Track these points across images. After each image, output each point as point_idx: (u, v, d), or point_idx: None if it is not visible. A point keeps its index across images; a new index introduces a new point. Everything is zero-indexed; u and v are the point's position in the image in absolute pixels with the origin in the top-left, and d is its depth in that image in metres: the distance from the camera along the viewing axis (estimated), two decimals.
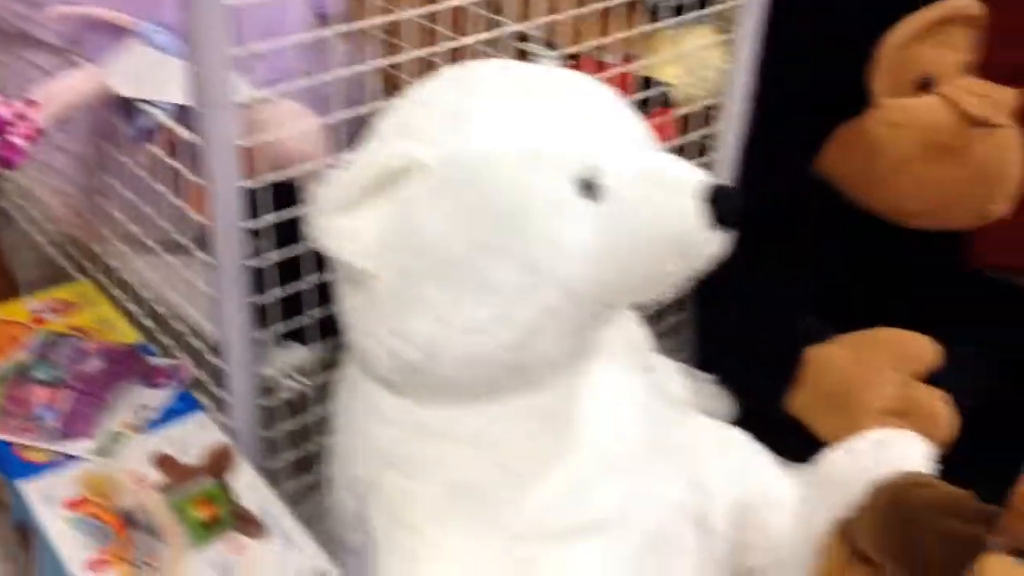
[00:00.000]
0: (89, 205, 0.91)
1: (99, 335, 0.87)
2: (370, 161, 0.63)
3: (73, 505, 0.73)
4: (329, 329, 0.77)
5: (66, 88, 0.74)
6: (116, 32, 0.76)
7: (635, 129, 0.69)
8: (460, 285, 0.64)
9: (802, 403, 1.00)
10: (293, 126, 0.74)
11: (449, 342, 0.65)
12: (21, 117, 0.71)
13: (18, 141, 0.71)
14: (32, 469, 0.76)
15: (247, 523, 0.73)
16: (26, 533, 0.78)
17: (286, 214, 0.74)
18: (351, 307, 0.69)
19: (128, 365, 0.84)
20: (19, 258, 1.10)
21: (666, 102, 1.00)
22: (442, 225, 0.63)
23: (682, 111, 1.02)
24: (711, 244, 0.65)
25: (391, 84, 0.83)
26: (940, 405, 0.96)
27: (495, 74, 0.68)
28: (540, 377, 0.70)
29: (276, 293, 0.77)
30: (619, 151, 0.66)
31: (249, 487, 0.76)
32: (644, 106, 0.98)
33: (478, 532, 0.70)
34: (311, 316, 0.81)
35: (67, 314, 0.90)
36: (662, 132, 1.00)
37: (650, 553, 0.77)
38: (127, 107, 0.75)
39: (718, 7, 0.98)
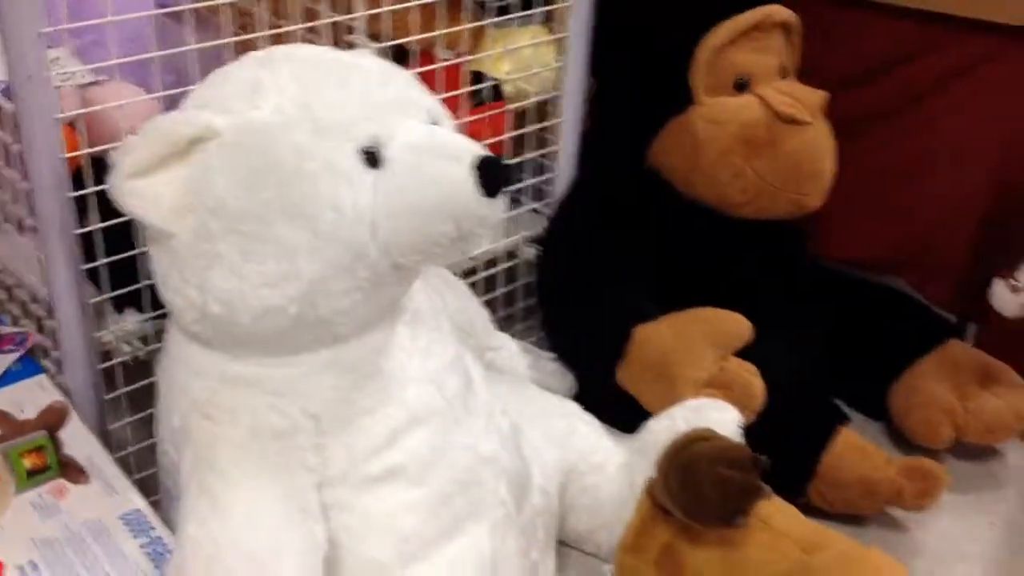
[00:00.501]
0: None
1: None
2: (166, 128, 0.69)
3: None
4: None
5: None
6: None
7: (421, 106, 0.76)
8: (251, 243, 0.70)
9: (629, 376, 1.08)
10: (127, 105, 0.81)
11: (244, 296, 0.71)
12: None
13: None
14: None
15: (73, 471, 0.79)
16: None
17: None
18: (158, 265, 0.74)
19: None
20: None
21: (498, 96, 1.07)
22: (234, 187, 0.69)
23: (514, 106, 1.09)
24: (482, 210, 0.72)
25: None
26: (752, 378, 1.04)
27: (291, 53, 0.75)
28: (342, 332, 0.76)
29: (103, 260, 0.83)
30: (401, 125, 0.73)
31: (78, 441, 0.82)
32: (476, 99, 1.06)
33: (283, 477, 0.76)
34: (145, 284, 0.86)
35: None
36: (496, 125, 1.09)
37: (457, 497, 0.83)
38: None
39: (545, 8, 1.06)
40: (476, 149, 0.72)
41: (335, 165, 0.70)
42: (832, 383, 1.21)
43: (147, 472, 0.88)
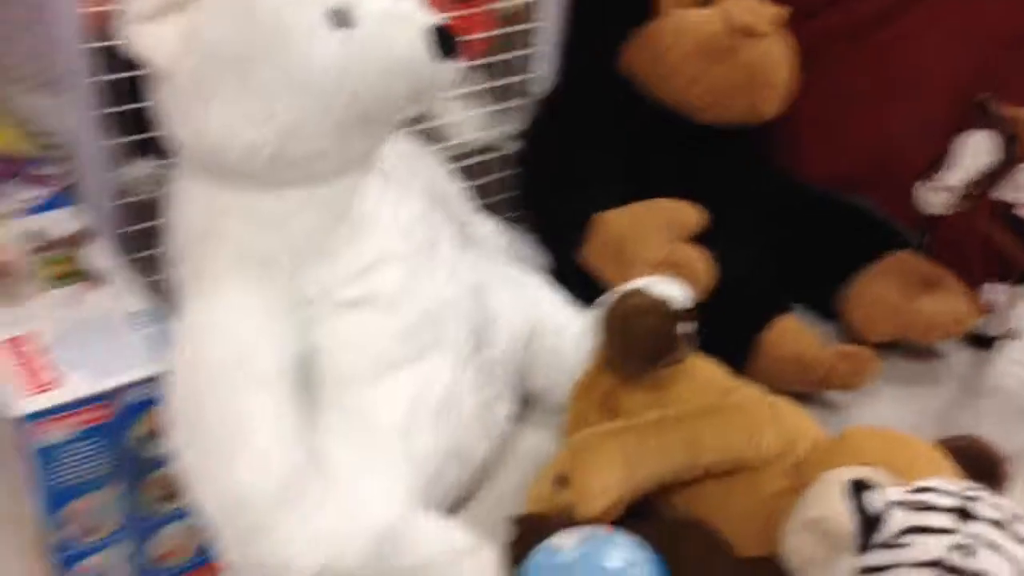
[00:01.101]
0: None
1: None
2: None
3: None
4: None
5: None
6: None
7: None
8: (236, 85, 0.83)
9: (591, 256, 1.20)
10: None
11: (231, 130, 0.85)
12: None
13: None
14: None
15: (92, 278, 0.95)
16: None
17: None
18: (164, 105, 0.89)
19: (15, 168, 1.05)
20: None
21: None
22: (224, 35, 0.83)
23: (499, 5, 1.22)
24: (432, 70, 0.86)
25: None
26: (698, 260, 1.16)
27: None
28: (319, 172, 0.90)
29: (119, 109, 0.98)
30: None
31: (99, 257, 0.98)
32: None
33: (264, 291, 0.90)
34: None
35: None
36: (479, 22, 1.22)
37: (423, 330, 0.97)
38: None
39: None
40: (430, 18, 0.86)
41: (305, 23, 0.83)
42: (787, 286, 1.32)
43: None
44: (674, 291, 1.11)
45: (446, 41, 0.85)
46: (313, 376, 0.92)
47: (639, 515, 0.91)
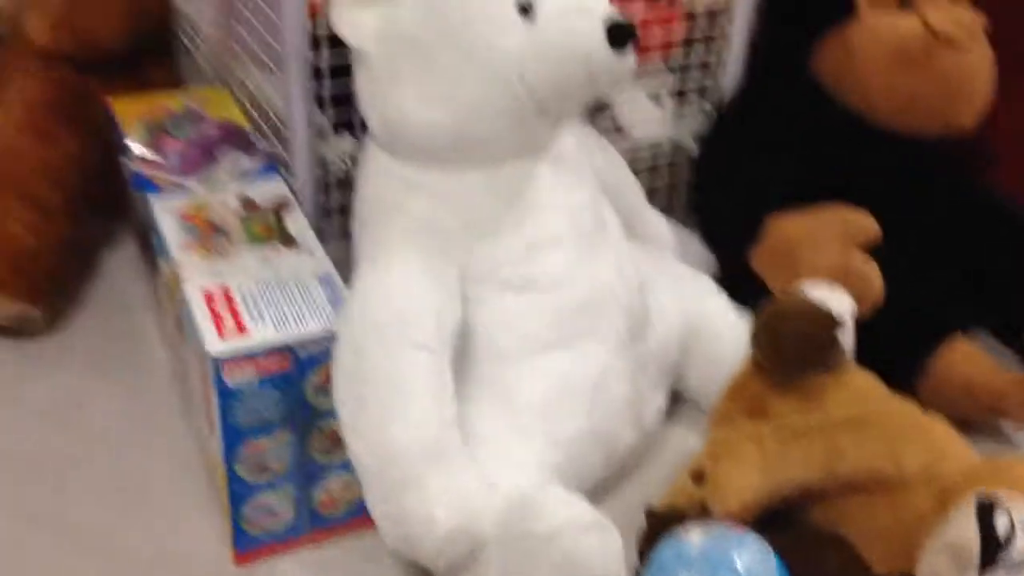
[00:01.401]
0: (228, 29, 1.25)
1: (221, 118, 1.22)
2: None
3: (183, 217, 1.07)
4: None
5: None
6: None
7: None
8: (424, 66, 0.91)
9: (760, 260, 1.21)
10: None
11: (416, 110, 0.92)
12: None
13: None
14: (160, 191, 1.11)
15: (287, 241, 1.05)
16: (147, 241, 1.14)
17: None
18: (359, 82, 0.97)
19: (234, 139, 1.17)
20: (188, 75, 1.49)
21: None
22: (415, 21, 0.90)
23: (687, 9, 1.24)
24: (609, 60, 0.89)
25: None
26: (871, 271, 1.14)
27: None
28: (494, 154, 0.96)
29: (328, 88, 1.08)
30: None
31: (295, 223, 1.08)
32: None
33: (435, 262, 0.96)
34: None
35: (203, 104, 1.25)
36: (668, 24, 1.24)
37: (579, 316, 1.01)
38: None
39: None
40: (610, 11, 0.89)
41: (493, 11, 0.89)
42: (972, 307, 1.27)
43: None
44: (838, 300, 1.10)
45: (624, 34, 0.89)
46: (467, 349, 0.98)
47: (778, 525, 0.92)
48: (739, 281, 1.22)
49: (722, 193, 1.28)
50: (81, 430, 1.12)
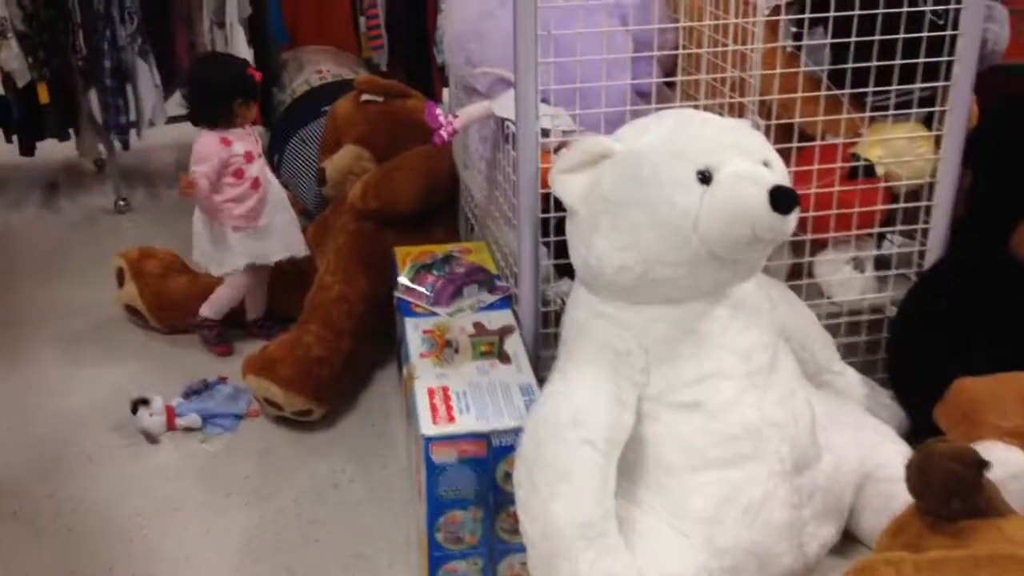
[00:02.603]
0: (491, 194, 1.54)
1: (473, 262, 1.49)
2: (588, 146, 1.13)
3: (425, 332, 1.34)
4: None
5: (471, 110, 1.37)
6: (507, 83, 1.38)
7: (754, 151, 1.11)
8: (617, 220, 1.10)
9: (943, 415, 1.26)
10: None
11: (609, 255, 1.12)
12: (448, 122, 1.35)
13: (444, 135, 1.36)
14: (414, 314, 1.39)
15: (504, 358, 1.28)
16: (399, 353, 1.41)
17: None
18: (568, 231, 1.19)
19: (480, 278, 1.44)
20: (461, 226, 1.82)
21: (870, 174, 1.36)
22: (614, 184, 1.10)
23: (885, 184, 1.36)
24: (772, 221, 1.04)
25: None
26: None
27: (679, 112, 1.16)
28: (672, 295, 1.13)
29: (551, 240, 1.32)
30: (732, 160, 1.08)
31: (513, 345, 1.30)
32: (853, 174, 1.36)
33: (615, 379, 1.13)
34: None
35: (465, 253, 1.53)
36: (867, 196, 1.37)
37: (743, 440, 1.13)
38: (502, 124, 1.36)
39: (923, 109, 1.33)
40: (776, 180, 1.06)
41: (677, 177, 1.08)
42: None
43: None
44: (1008, 453, 1.14)
45: (787, 200, 1.05)
46: (638, 459, 1.13)
47: None
48: (927, 438, 1.27)
49: (915, 354, 1.35)
50: (332, 503, 1.39)
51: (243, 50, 2.36)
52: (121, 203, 2.45)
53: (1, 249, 2.28)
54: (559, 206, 1.25)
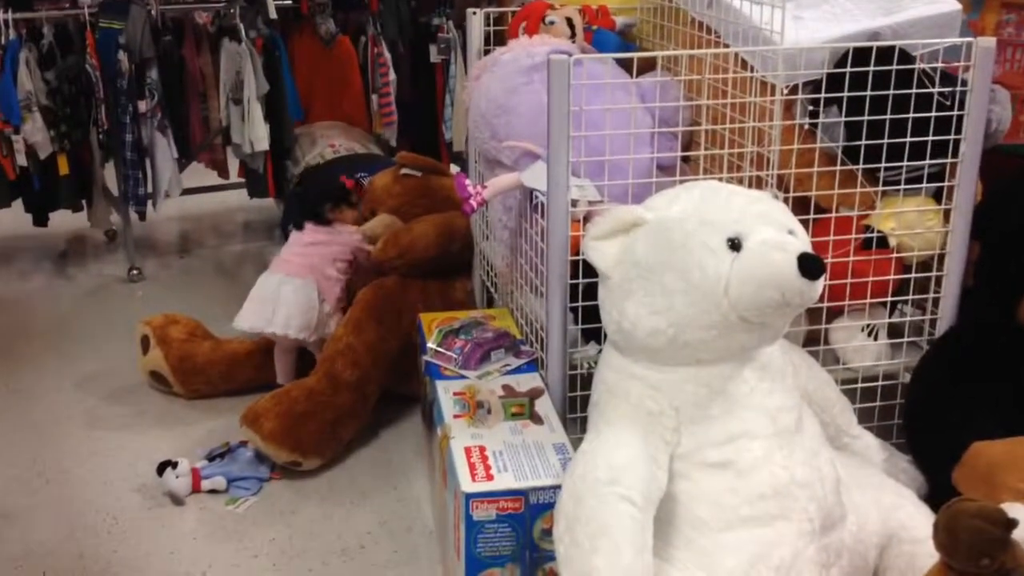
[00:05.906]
0: (514, 263, 1.59)
1: (499, 327, 1.53)
2: (620, 214, 1.19)
3: (456, 393, 1.37)
4: None
5: (500, 181, 1.43)
6: (533, 156, 1.45)
7: (780, 220, 1.16)
8: (650, 285, 1.15)
9: (961, 478, 1.30)
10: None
11: (641, 318, 1.16)
12: (477, 192, 1.41)
13: (473, 204, 1.41)
14: (444, 377, 1.42)
15: (536, 419, 1.31)
16: (429, 415, 1.44)
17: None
18: (601, 296, 1.24)
19: (506, 343, 1.48)
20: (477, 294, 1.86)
21: (883, 245, 1.42)
22: (647, 251, 1.16)
23: (897, 255, 1.43)
24: (800, 286, 1.09)
25: None
26: None
27: (706, 183, 1.22)
28: (702, 357, 1.17)
29: (579, 305, 1.36)
30: (759, 229, 1.14)
31: (544, 406, 1.34)
32: (867, 244, 1.42)
33: (648, 438, 1.17)
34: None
35: (489, 319, 1.58)
36: (880, 266, 1.43)
37: (771, 499, 1.16)
38: (530, 194, 1.42)
39: (936, 184, 1.40)
40: (802, 247, 1.11)
41: (707, 244, 1.14)
42: None
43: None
44: None
45: (814, 267, 1.10)
46: (670, 516, 1.16)
47: None
48: (945, 500, 1.31)
49: (931, 419, 1.39)
50: (360, 564, 1.40)
51: (259, 126, 2.43)
52: (134, 272, 2.49)
53: (17, 316, 2.31)
54: (587, 273, 1.30)
